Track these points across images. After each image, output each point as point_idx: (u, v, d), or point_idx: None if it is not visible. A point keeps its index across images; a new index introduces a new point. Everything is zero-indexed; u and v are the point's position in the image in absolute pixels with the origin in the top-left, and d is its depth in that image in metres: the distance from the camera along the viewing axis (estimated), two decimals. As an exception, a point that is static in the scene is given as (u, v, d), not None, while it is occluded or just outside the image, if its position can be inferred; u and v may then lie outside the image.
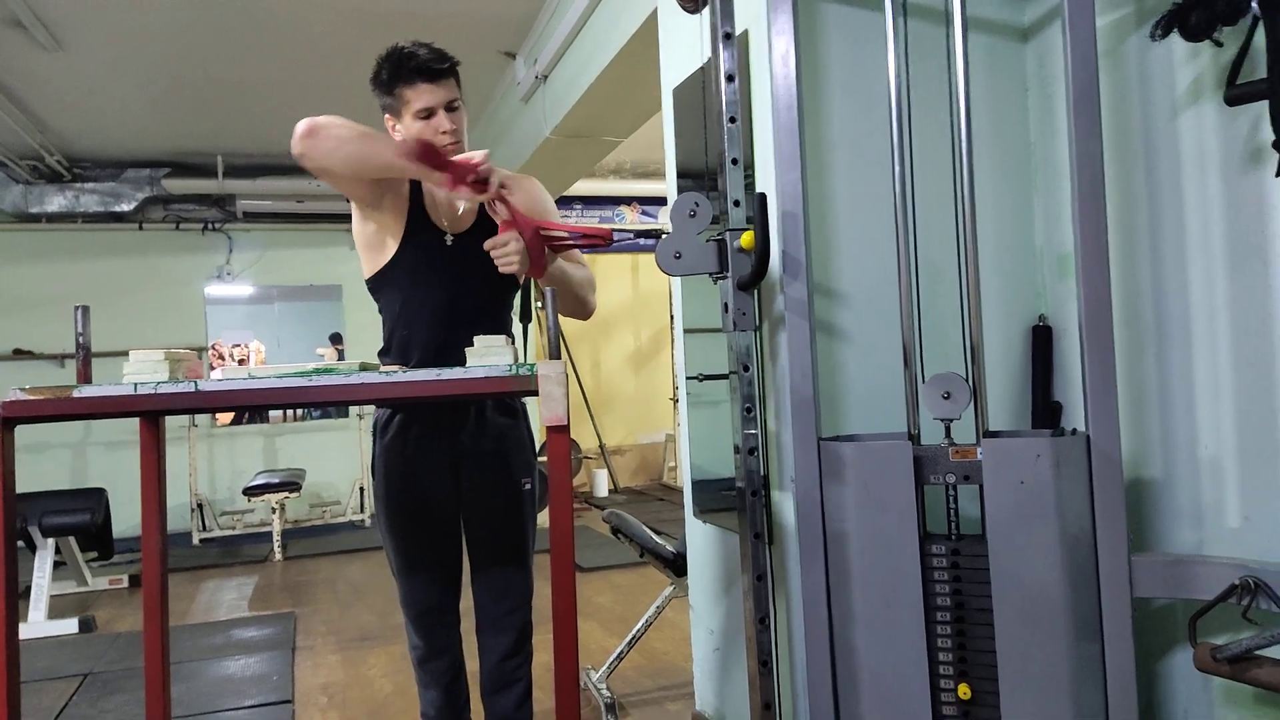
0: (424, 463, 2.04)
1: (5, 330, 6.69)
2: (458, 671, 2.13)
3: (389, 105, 1.95)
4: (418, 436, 2.03)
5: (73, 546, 4.70)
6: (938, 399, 1.77)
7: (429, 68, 1.89)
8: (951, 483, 1.76)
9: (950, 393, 1.76)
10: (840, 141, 2.05)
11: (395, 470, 2.05)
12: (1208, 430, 1.79)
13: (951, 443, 1.77)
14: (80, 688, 3.26)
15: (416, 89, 1.90)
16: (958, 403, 1.75)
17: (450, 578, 2.10)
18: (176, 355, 1.56)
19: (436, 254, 2.00)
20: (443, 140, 1.91)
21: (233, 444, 7.23)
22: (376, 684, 3.21)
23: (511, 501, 2.08)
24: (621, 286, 8.58)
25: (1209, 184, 1.76)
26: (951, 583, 1.76)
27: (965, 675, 1.74)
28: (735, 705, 2.38)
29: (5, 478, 1.41)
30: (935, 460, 1.77)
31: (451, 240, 2.01)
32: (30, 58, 4.58)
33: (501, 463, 2.07)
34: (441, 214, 2.03)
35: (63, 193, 6.52)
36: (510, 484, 2.08)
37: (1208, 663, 1.61)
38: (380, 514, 2.11)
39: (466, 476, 2.06)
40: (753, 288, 1.86)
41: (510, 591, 2.08)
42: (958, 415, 1.76)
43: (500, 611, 2.08)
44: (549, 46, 4.26)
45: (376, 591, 4.68)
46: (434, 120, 1.91)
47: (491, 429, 2.06)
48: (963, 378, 1.76)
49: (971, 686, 1.73)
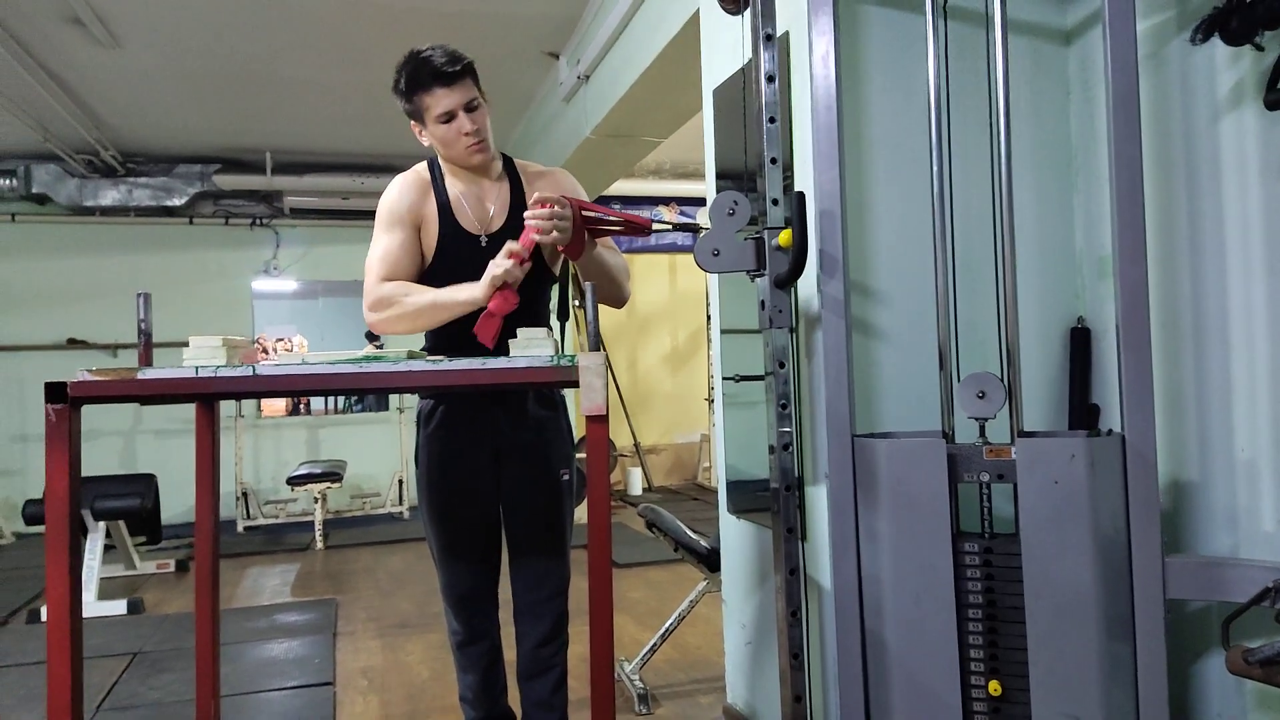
0: (466, 452, 2.09)
1: (60, 320, 6.90)
2: (495, 657, 2.18)
3: (411, 112, 2.00)
4: (460, 426, 2.09)
5: (122, 530, 4.84)
6: (972, 398, 1.78)
7: (443, 72, 1.92)
8: (985, 481, 1.78)
9: (985, 392, 1.77)
10: (879, 141, 2.07)
11: (437, 459, 2.10)
12: (1244, 433, 1.79)
13: (986, 442, 1.78)
14: (129, 666, 3.37)
15: (434, 94, 1.93)
16: (992, 402, 1.77)
17: (489, 565, 2.15)
18: (233, 342, 1.63)
19: (472, 255, 2.02)
20: (466, 141, 1.96)
21: (278, 435, 7.39)
22: (415, 669, 3.28)
23: (550, 492, 2.12)
24: (659, 286, 8.61)
25: (1249, 188, 1.76)
26: (984, 580, 1.77)
27: (996, 672, 1.75)
28: (766, 699, 2.41)
29: (71, 455, 1.48)
30: (969, 459, 1.78)
31: (486, 241, 2.04)
32: (88, 54, 4.72)
33: (541, 454, 2.12)
34: (473, 217, 2.06)
35: (116, 187, 6.69)
36: (549, 475, 2.13)
37: (1239, 665, 1.61)
38: (422, 501, 2.17)
39: (506, 467, 2.11)
40: (789, 285, 1.89)
41: (547, 580, 2.13)
42: (992, 415, 1.77)
43: (537, 599, 2.12)
44: (592, 47, 4.31)
45: (416, 581, 4.76)
46: (456, 122, 1.95)
47: (532, 421, 2.11)
48: (998, 377, 1.77)
49: (1003, 683, 1.75)
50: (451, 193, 2.05)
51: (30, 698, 3.06)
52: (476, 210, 2.06)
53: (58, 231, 6.93)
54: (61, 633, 1.47)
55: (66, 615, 1.48)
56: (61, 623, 1.47)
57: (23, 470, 6.84)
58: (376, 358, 1.54)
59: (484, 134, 1.99)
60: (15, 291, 6.87)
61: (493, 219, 2.06)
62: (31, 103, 5.28)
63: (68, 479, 1.47)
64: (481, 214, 2.06)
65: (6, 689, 3.16)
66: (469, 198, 2.05)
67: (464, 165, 2.04)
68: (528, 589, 2.13)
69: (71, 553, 1.48)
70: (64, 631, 1.48)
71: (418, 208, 2.04)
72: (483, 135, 1.99)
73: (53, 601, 1.47)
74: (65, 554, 1.46)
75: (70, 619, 1.48)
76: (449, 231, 2.04)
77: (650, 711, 2.76)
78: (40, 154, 6.41)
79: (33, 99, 5.20)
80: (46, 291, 6.92)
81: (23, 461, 6.87)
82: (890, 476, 1.82)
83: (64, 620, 1.47)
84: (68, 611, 1.48)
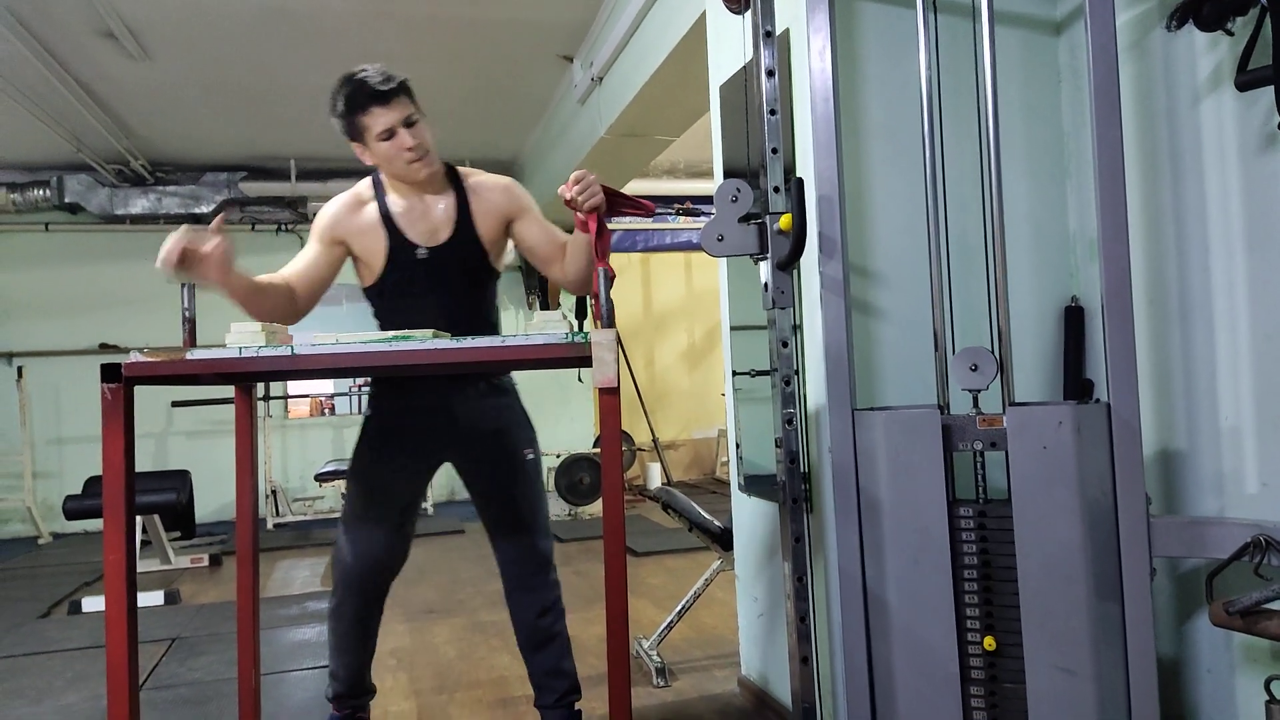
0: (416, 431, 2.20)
1: (92, 325, 7.11)
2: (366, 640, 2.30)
3: (350, 133, 2.06)
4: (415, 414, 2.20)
5: (157, 525, 4.99)
6: (966, 371, 1.88)
7: (379, 91, 1.98)
8: (979, 450, 1.88)
9: (977, 365, 1.87)
10: (876, 131, 2.18)
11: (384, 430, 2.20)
12: (1228, 402, 1.88)
13: (979, 412, 1.88)
14: (169, 650, 3.52)
15: (372, 114, 2.00)
16: (984, 374, 1.87)
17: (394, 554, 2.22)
18: (271, 327, 1.76)
19: (414, 267, 2.12)
20: (407, 156, 2.02)
21: (304, 436, 7.56)
22: (442, 649, 3.41)
23: (518, 472, 2.24)
24: (675, 284, 8.73)
25: (1228, 167, 1.85)
26: (978, 543, 1.87)
27: (991, 629, 1.85)
28: (778, 669, 2.51)
29: (126, 430, 1.61)
30: (963, 429, 1.88)
31: (425, 253, 2.12)
32: (119, 66, 4.90)
33: (503, 438, 2.23)
34: (418, 229, 2.13)
35: (146, 195, 6.89)
36: (514, 457, 2.24)
37: (1221, 616, 1.70)
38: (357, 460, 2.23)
39: (470, 454, 2.24)
40: (790, 267, 2.00)
41: (531, 555, 2.23)
42: (984, 386, 1.87)
43: (524, 573, 2.23)
44: (604, 49, 4.44)
45: (439, 571, 4.90)
46: (396, 139, 2.02)
47: (489, 407, 2.22)
48: (989, 351, 1.87)
49: (997, 639, 1.85)
50: (395, 208, 2.13)
51: (76, 680, 3.21)
52: (421, 223, 2.13)
53: (90, 240, 7.14)
54: (119, 600, 1.59)
55: (124, 582, 1.59)
56: (119, 591, 1.58)
57: (59, 472, 7.04)
58: (404, 337, 1.66)
59: (425, 148, 2.05)
60: (49, 299, 7.09)
61: (438, 230, 2.13)
62: (65, 114, 5.47)
63: (123, 453, 1.59)
64: (426, 226, 2.13)
65: (54, 672, 3.31)
66: (414, 211, 2.13)
67: (408, 180, 2.10)
68: (514, 566, 2.24)
69: (128, 523, 1.60)
70: (121, 598, 1.59)
71: (343, 227, 2.13)
72: (423, 151, 2.04)
73: (110, 569, 1.59)
74: (122, 524, 1.59)
75: (127, 586, 1.60)
76: (396, 244, 2.12)
77: (667, 684, 2.86)
78: (72, 164, 6.62)
79: (66, 110, 5.39)
80: (79, 298, 7.13)
81: (59, 464, 7.07)
82: (889, 447, 1.92)
83: (121, 588, 1.58)
84: (124, 578, 1.59)
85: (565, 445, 7.39)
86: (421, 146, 2.04)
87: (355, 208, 2.14)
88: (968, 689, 1.86)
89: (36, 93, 5.08)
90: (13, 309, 7.04)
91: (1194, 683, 1.98)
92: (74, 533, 6.95)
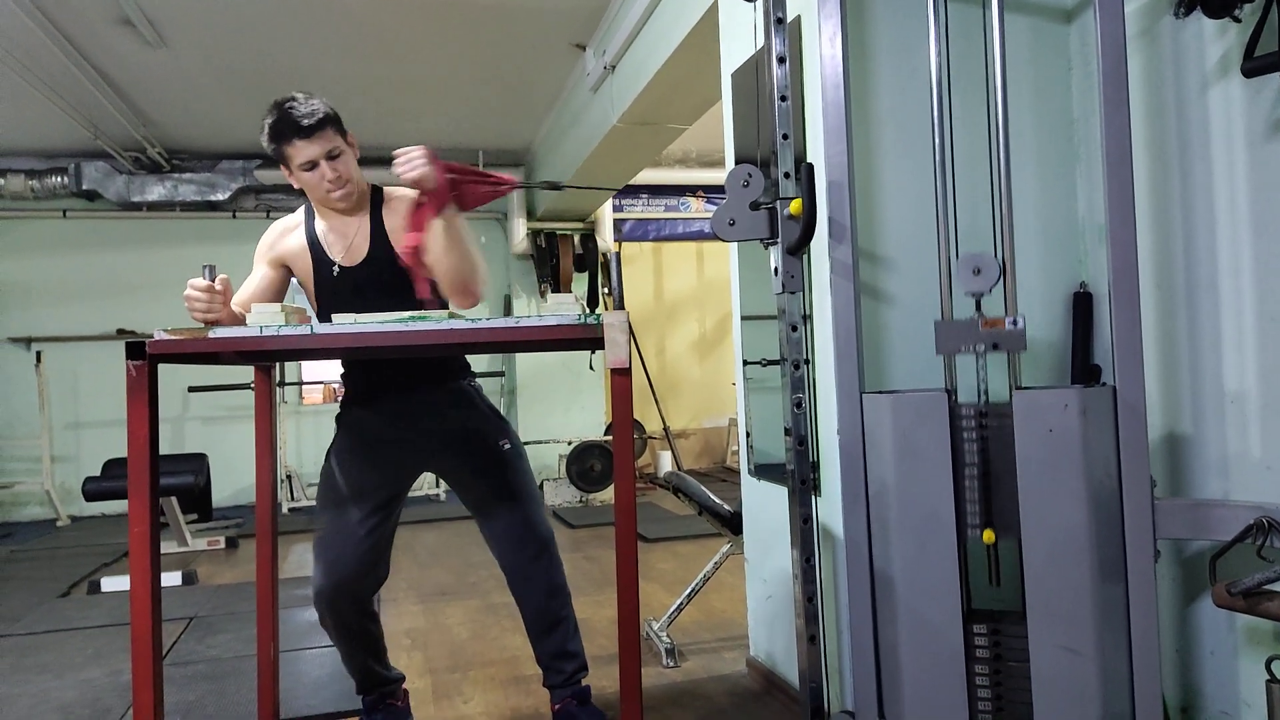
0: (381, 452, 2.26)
1: (110, 311, 7.18)
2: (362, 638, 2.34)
3: (277, 158, 2.12)
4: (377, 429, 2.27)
5: (174, 507, 5.06)
6: (969, 275, 1.90)
7: (302, 126, 2.04)
8: (980, 351, 1.89)
9: (980, 269, 1.89)
10: (886, 118, 2.20)
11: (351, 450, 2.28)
12: (1233, 385, 1.90)
13: (981, 315, 1.89)
14: (187, 628, 3.58)
15: (295, 146, 2.05)
16: (987, 278, 1.88)
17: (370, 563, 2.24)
18: (290, 308, 1.80)
19: (331, 284, 2.20)
20: (327, 186, 2.09)
21: (318, 422, 7.63)
22: (455, 630, 3.46)
23: (497, 463, 2.29)
24: (687, 274, 8.75)
25: (1235, 153, 1.87)
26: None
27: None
28: (786, 649, 2.55)
29: (151, 406, 1.65)
30: (966, 331, 1.89)
31: (338, 271, 2.19)
32: (137, 54, 4.94)
33: (472, 437, 2.29)
34: (336, 251, 2.20)
35: (162, 183, 6.95)
36: (490, 450, 2.29)
37: (1224, 598, 1.72)
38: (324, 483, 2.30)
39: (445, 461, 2.32)
40: (800, 251, 2.02)
41: (527, 542, 2.26)
42: (986, 290, 1.88)
43: (521, 561, 2.26)
44: (617, 37, 4.46)
45: (452, 555, 4.95)
46: (318, 170, 2.08)
47: (452, 419, 2.28)
48: (992, 255, 1.89)
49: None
50: (319, 230, 2.22)
51: (96, 656, 3.27)
52: (339, 244, 2.20)
53: (107, 226, 7.21)
54: (144, 570, 1.62)
55: (148, 553, 1.63)
56: (144, 562, 1.62)
57: (76, 456, 7.12)
58: (420, 317, 1.70)
59: (345, 180, 2.11)
60: (67, 285, 7.16)
61: (354, 250, 2.20)
62: (83, 101, 5.52)
63: (148, 428, 1.63)
64: (345, 246, 2.20)
65: (75, 649, 3.38)
66: (334, 233, 2.21)
67: (328, 207, 2.19)
68: (511, 556, 2.27)
69: (152, 496, 1.64)
70: (145, 569, 1.62)
71: (278, 248, 2.24)
72: (342, 183, 2.11)
73: (135, 542, 1.63)
74: (147, 497, 1.62)
75: (151, 558, 1.64)
76: (319, 265, 2.21)
77: (677, 665, 2.91)
78: (90, 151, 6.68)
79: (84, 98, 5.44)
80: (96, 285, 7.20)
81: (76, 448, 7.16)
82: (897, 430, 1.95)
83: (145, 559, 1.62)
84: (149, 551, 1.63)
85: (577, 433, 7.43)
86: (341, 179, 2.10)
87: (288, 231, 2.26)
88: (972, 667, 1.89)
89: (55, 80, 5.14)
90: (31, 295, 7.12)
91: (1197, 664, 2.00)
92: (92, 515, 7.04)
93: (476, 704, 2.69)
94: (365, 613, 2.29)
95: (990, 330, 1.87)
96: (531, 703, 2.66)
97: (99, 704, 2.78)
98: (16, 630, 3.69)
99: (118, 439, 7.28)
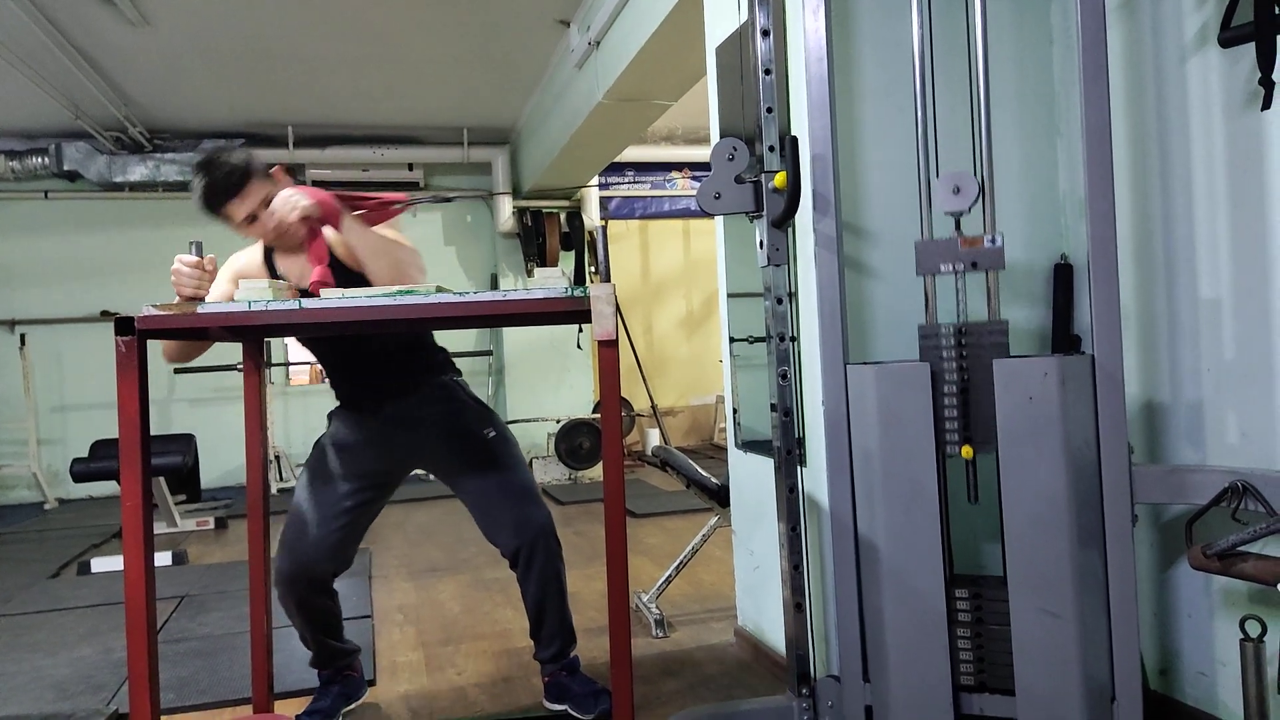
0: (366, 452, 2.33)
1: (93, 293, 7.14)
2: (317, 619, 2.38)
3: (221, 220, 2.13)
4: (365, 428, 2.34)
5: (163, 488, 5.06)
6: (949, 194, 1.93)
7: (232, 188, 2.06)
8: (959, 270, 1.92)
9: (960, 187, 1.91)
10: (869, 91, 2.21)
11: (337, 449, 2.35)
12: (1210, 354, 1.94)
13: (960, 234, 1.92)
14: (179, 607, 3.60)
15: (230, 207, 2.08)
16: (966, 196, 1.91)
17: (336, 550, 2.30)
18: (278, 284, 1.80)
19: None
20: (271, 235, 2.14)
21: (305, 402, 7.62)
22: (447, 605, 3.49)
23: (484, 451, 2.32)
24: (673, 252, 8.75)
25: (1213, 124, 1.89)
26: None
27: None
28: (773, 618, 2.59)
29: (140, 382, 1.65)
30: (945, 249, 1.92)
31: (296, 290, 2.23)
32: (118, 33, 4.89)
33: (456, 428, 2.34)
34: (290, 270, 2.26)
35: (144, 163, 6.89)
36: (476, 438, 2.34)
37: (1200, 560, 1.76)
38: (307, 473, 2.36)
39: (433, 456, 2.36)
40: (785, 224, 2.04)
41: (525, 527, 2.27)
42: (965, 209, 1.91)
43: (519, 544, 2.28)
44: (601, 13, 4.44)
45: (443, 532, 4.98)
46: (259, 222, 2.11)
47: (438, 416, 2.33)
48: (971, 174, 1.92)
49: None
50: (275, 252, 2.28)
51: (88, 634, 3.29)
52: (293, 262, 2.25)
53: (88, 207, 7.15)
54: (136, 545, 1.63)
55: (140, 527, 1.64)
56: (136, 537, 1.63)
57: (63, 439, 7.11)
58: (408, 291, 1.71)
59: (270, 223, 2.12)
60: (49, 266, 7.12)
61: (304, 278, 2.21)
62: (63, 81, 5.46)
63: (138, 403, 1.64)
64: (297, 264, 2.24)
65: (67, 628, 3.39)
66: (287, 260, 2.27)
67: (279, 248, 2.25)
68: (511, 542, 2.28)
69: (144, 470, 1.66)
70: (139, 543, 1.63)
71: (235, 266, 2.30)
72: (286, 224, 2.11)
73: (128, 515, 1.64)
74: (138, 472, 1.64)
75: (144, 533, 1.65)
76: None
77: (666, 635, 2.94)
78: (71, 131, 6.62)
79: (64, 77, 5.38)
80: (79, 266, 7.16)
81: (62, 430, 7.14)
82: (880, 400, 1.97)
83: (138, 533, 1.63)
84: (141, 524, 1.64)
85: (565, 411, 7.46)
86: (283, 223, 2.10)
87: (250, 253, 2.32)
88: (954, 631, 1.93)
89: (35, 59, 5.08)
90: (14, 276, 7.07)
91: (1174, 625, 2.05)
92: (79, 498, 7.03)
93: (469, 675, 2.73)
94: (324, 590, 2.34)
95: (969, 249, 1.90)
96: (523, 674, 2.69)
97: (92, 680, 2.80)
98: (8, 610, 3.70)
99: (104, 421, 7.30)
